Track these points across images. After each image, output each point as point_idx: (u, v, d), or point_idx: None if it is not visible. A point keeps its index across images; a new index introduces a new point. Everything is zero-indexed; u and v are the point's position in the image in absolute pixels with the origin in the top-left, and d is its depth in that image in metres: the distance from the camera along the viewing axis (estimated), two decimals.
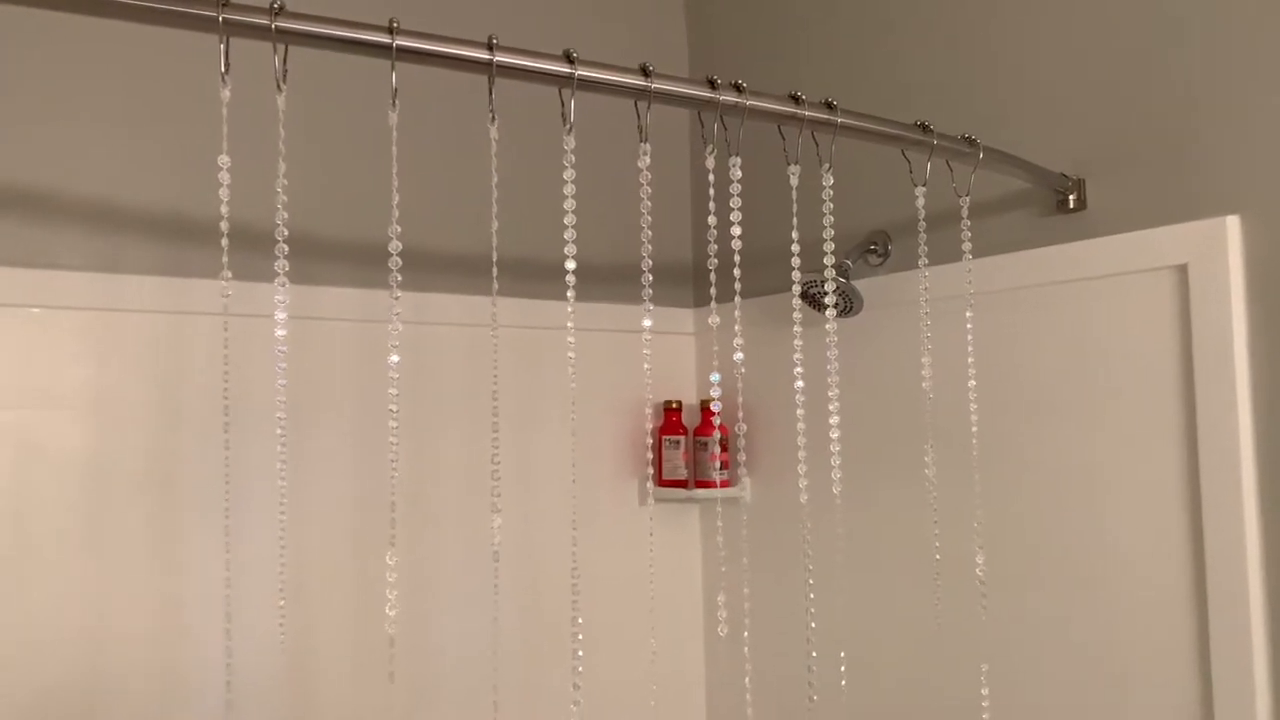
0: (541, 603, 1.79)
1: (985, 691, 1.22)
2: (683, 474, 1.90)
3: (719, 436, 1.88)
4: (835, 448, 1.08)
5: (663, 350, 1.98)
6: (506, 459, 1.77)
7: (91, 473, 1.41)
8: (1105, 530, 1.32)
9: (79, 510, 1.40)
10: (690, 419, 1.96)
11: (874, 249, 1.65)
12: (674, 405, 1.91)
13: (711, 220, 1.03)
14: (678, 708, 1.95)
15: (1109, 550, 1.32)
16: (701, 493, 1.89)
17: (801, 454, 1.09)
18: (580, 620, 1.71)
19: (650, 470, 1.10)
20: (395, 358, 0.89)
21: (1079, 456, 1.35)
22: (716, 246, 1.05)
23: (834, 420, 1.09)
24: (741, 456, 1.09)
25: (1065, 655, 1.35)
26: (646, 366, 1.02)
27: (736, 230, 1.03)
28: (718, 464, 1.88)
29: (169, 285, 1.47)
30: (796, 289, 1.09)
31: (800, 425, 1.08)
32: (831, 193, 1.11)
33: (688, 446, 1.91)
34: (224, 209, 0.85)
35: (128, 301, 1.44)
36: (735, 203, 1.03)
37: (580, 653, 0.95)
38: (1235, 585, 1.18)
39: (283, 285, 0.85)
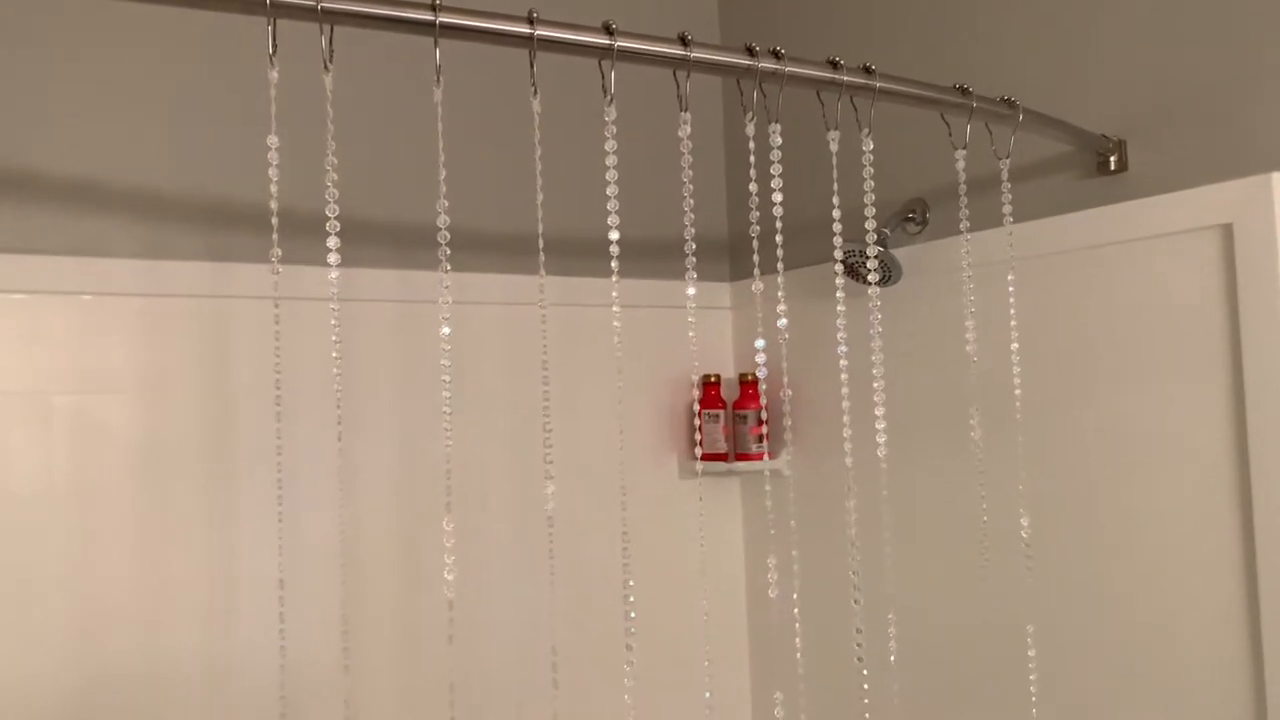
0: (588, 572, 1.80)
1: (1032, 654, 1.22)
2: (722, 448, 1.91)
3: (758, 410, 1.89)
4: (880, 411, 1.09)
5: (700, 324, 1.99)
6: (550, 434, 1.79)
7: (146, 455, 1.44)
8: (1151, 493, 1.31)
9: (135, 493, 1.43)
10: (729, 393, 1.96)
11: (912, 217, 1.64)
12: (713, 379, 1.91)
13: (753, 188, 1.04)
14: (723, 672, 1.97)
15: (1155, 513, 1.31)
16: (742, 465, 1.90)
17: (846, 420, 1.09)
18: (631, 584, 1.73)
19: (698, 438, 1.11)
20: (447, 330, 0.90)
21: (1124, 420, 1.35)
22: (759, 214, 1.06)
23: (878, 385, 1.09)
24: (787, 422, 1.09)
25: (1112, 619, 1.35)
26: (691, 334, 1.03)
27: (778, 198, 1.03)
28: (757, 437, 1.89)
29: (215, 270, 1.50)
30: (839, 254, 1.09)
31: (844, 393, 1.08)
32: (872, 158, 1.11)
33: (727, 420, 1.91)
34: (273, 189, 0.86)
35: (175, 286, 1.47)
36: (776, 169, 1.03)
37: (632, 614, 0.96)
38: None
39: (335, 263, 0.87)
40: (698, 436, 1.16)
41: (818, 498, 1.84)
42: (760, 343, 1.06)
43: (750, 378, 1.92)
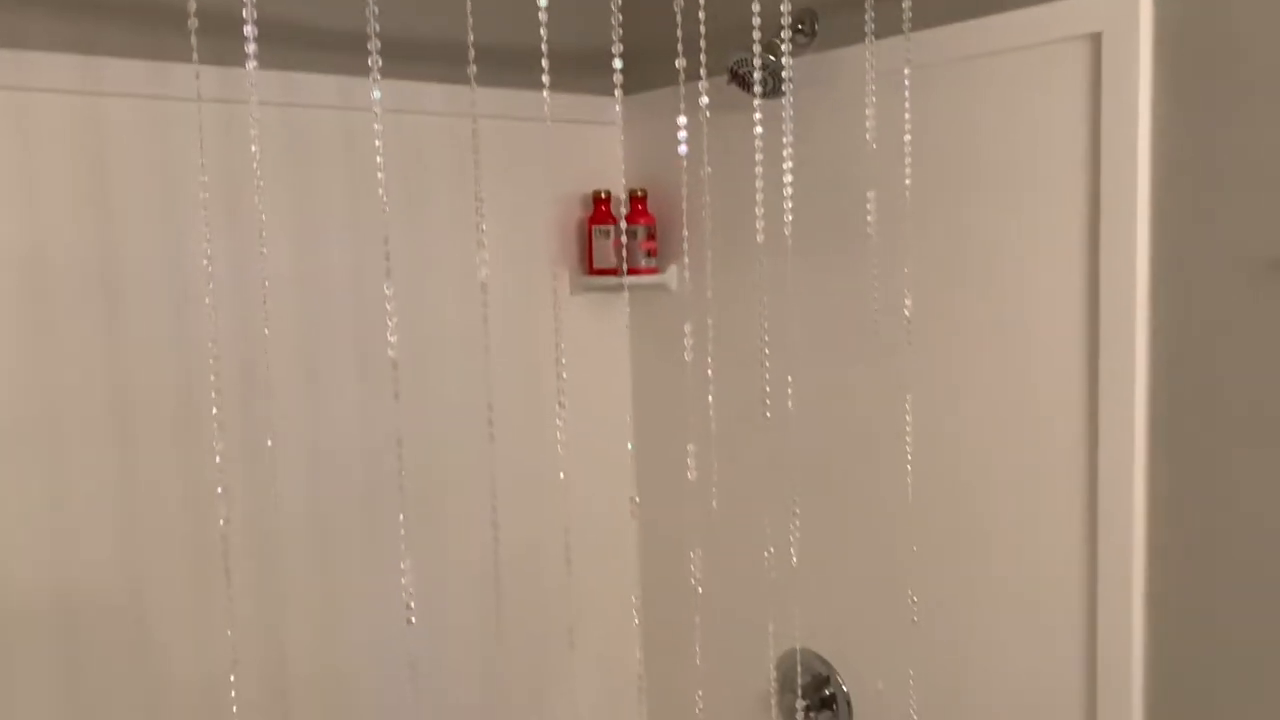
0: (479, 384, 1.86)
1: (909, 419, 1.36)
2: (613, 263, 1.96)
3: (649, 226, 1.93)
4: (788, 217, 1.15)
5: (590, 139, 1.99)
6: (430, 251, 1.79)
7: (29, 271, 1.39)
8: (1012, 286, 1.44)
9: (16, 304, 1.39)
10: (620, 209, 2.00)
11: (800, 28, 1.67)
12: (603, 195, 1.94)
13: None
14: (607, 488, 2.09)
15: (1014, 303, 1.44)
16: (632, 280, 1.96)
17: (759, 235, 1.15)
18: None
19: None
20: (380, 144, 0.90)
21: (990, 225, 1.46)
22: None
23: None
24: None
25: (976, 389, 1.50)
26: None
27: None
28: (647, 252, 1.94)
29: (86, 65, 1.41)
30: (758, 60, 1.12)
31: (758, 209, 1.13)
32: None
33: (617, 235, 1.95)
34: None
35: (41, 80, 1.38)
36: None
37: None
38: (1123, 332, 1.32)
39: (253, 66, 0.85)
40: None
41: (705, 312, 1.92)
42: (682, 132, 1.09)
43: (640, 193, 1.95)
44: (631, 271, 1.96)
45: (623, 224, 1.94)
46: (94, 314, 1.44)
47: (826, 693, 1.77)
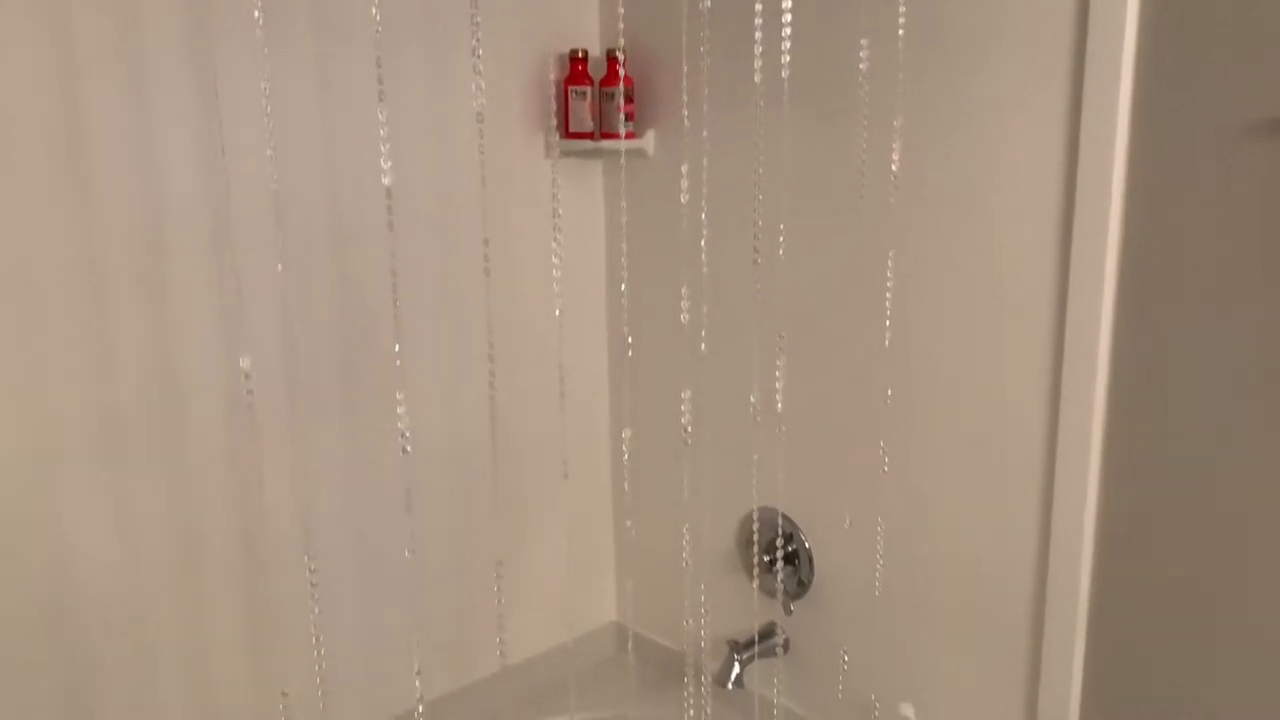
0: (451, 247, 1.85)
1: (890, 273, 1.38)
2: (588, 126, 1.93)
3: (626, 88, 1.90)
4: (786, 58, 1.14)
5: None
6: (408, 102, 1.76)
7: None
8: (998, 142, 1.46)
9: None
10: (596, 70, 1.96)
11: None
12: (580, 54, 1.90)
13: None
14: (580, 354, 2.11)
15: (996, 160, 1.46)
16: (607, 144, 1.94)
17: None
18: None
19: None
20: None
21: (980, 80, 1.46)
22: None
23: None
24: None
25: (954, 248, 1.53)
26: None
27: None
28: (624, 115, 1.92)
29: None
30: None
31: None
32: None
33: (594, 98, 1.92)
34: None
35: None
36: None
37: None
38: (1099, 192, 1.35)
39: None
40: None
41: (696, 163, 1.92)
42: None
43: (618, 53, 1.91)
44: (606, 135, 1.94)
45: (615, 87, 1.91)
46: (60, 176, 1.40)
47: (789, 549, 1.84)
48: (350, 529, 1.78)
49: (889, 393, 1.61)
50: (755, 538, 1.87)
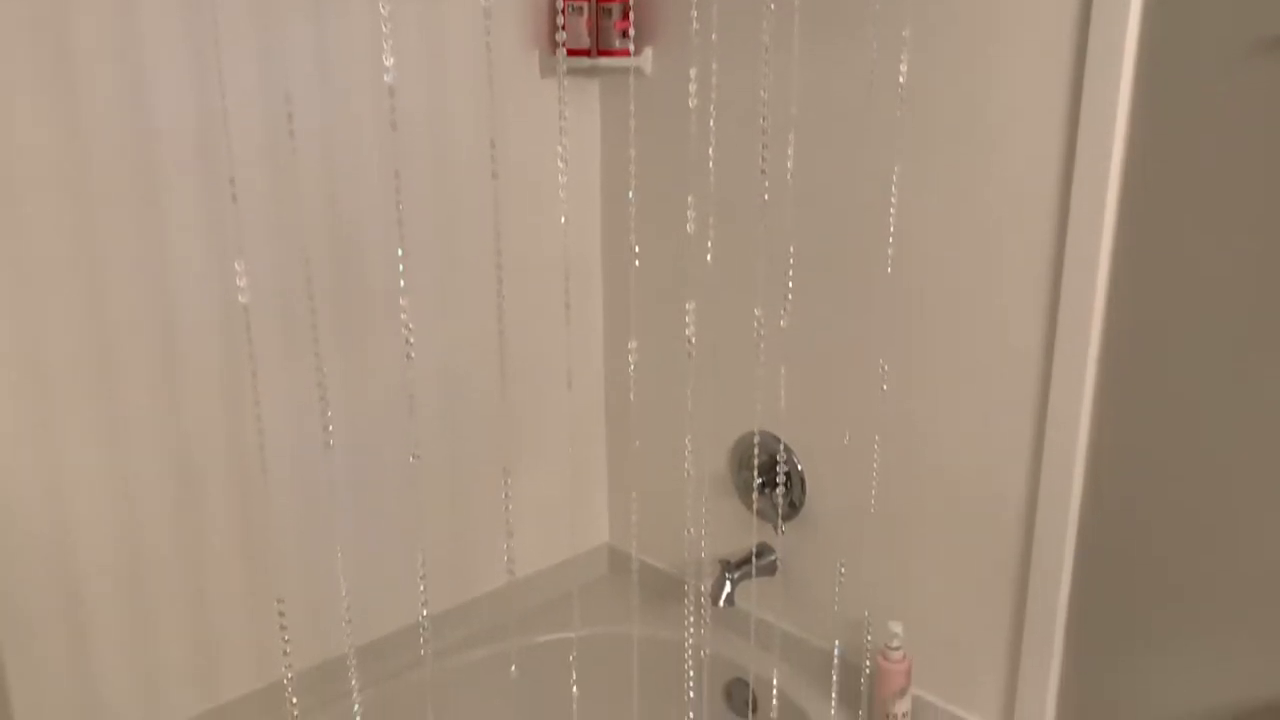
0: (443, 170, 1.83)
1: (894, 187, 1.37)
2: (585, 43, 1.90)
3: (624, 3, 1.86)
4: None
5: None
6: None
7: None
8: (1008, 56, 1.44)
9: None
10: None
11: None
12: None
13: None
14: (577, 280, 2.10)
15: (1003, 76, 1.45)
16: (605, 62, 1.90)
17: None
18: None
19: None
20: None
21: None
22: None
23: None
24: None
25: (956, 158, 1.53)
26: None
27: None
28: (622, 31, 1.88)
29: None
30: None
31: None
32: None
33: (591, 13, 1.88)
34: None
35: None
36: None
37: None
38: (1105, 106, 1.33)
39: None
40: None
41: (680, 98, 1.89)
42: None
43: None
44: (603, 53, 1.90)
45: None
46: (46, 81, 1.37)
47: (784, 471, 1.86)
48: (349, 440, 1.78)
49: (890, 309, 1.60)
50: (755, 457, 1.88)
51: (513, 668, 1.95)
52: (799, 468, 1.83)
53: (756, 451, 1.88)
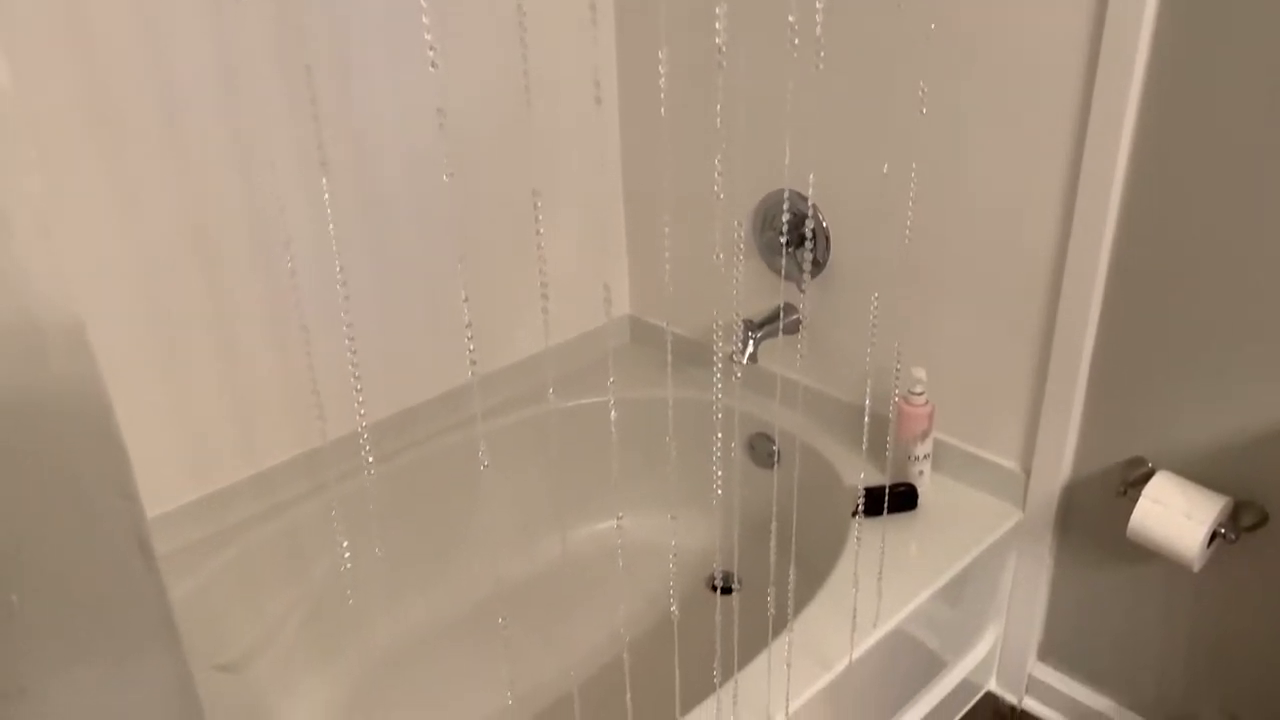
0: None
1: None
2: None
3: None
4: None
5: None
6: None
7: None
8: None
9: None
10: None
11: None
12: None
13: None
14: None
15: None
16: None
17: None
18: None
19: None
20: None
21: None
22: None
23: None
24: None
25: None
26: None
27: None
28: None
29: None
30: None
31: None
32: None
33: None
34: None
35: None
36: None
37: None
38: None
39: None
40: None
41: None
42: None
43: None
44: None
45: None
46: None
47: (807, 230, 1.83)
48: (366, 196, 1.75)
49: (931, 26, 1.53)
50: (785, 210, 1.84)
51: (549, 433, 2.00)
52: (824, 224, 1.81)
53: (779, 209, 1.85)
